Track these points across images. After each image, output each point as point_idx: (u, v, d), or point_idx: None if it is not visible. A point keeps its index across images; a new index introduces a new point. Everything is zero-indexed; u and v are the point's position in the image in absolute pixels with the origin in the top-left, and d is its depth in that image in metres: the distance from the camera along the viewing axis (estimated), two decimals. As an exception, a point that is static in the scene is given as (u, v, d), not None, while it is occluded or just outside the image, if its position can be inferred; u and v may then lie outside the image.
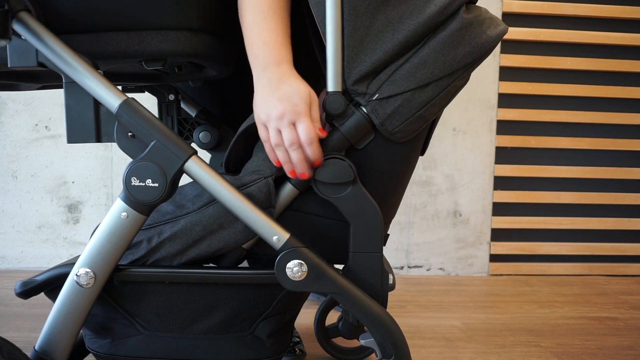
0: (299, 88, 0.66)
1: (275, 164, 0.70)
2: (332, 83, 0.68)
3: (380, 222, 0.69)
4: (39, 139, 1.82)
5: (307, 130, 0.65)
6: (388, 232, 0.83)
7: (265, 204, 0.69)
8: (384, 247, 0.71)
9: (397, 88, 0.67)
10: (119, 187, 1.85)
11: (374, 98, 0.68)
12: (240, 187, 0.69)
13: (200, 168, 0.66)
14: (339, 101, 0.68)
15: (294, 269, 0.67)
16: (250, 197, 0.68)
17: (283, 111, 0.65)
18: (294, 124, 0.66)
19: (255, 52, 0.68)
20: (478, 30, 0.68)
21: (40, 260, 1.86)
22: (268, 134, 0.68)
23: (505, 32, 0.71)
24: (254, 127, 0.73)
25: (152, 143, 0.65)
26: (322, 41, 0.69)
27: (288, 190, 0.72)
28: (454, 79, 0.69)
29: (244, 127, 0.72)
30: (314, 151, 0.66)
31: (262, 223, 0.67)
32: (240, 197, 0.67)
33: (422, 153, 0.80)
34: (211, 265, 0.74)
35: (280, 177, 0.72)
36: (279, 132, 0.66)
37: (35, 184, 1.83)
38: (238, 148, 0.76)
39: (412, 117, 0.68)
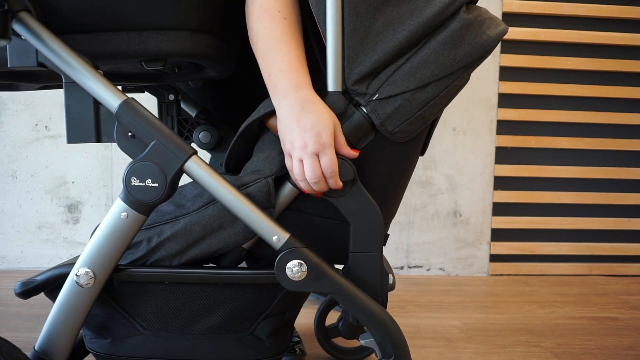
0: (322, 116, 0.65)
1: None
2: (333, 83, 0.68)
3: (380, 222, 0.69)
4: (39, 139, 1.82)
5: (330, 163, 0.65)
6: (388, 232, 0.83)
7: (265, 204, 0.69)
8: (384, 247, 0.71)
9: (397, 88, 0.67)
10: (119, 187, 1.85)
11: (374, 98, 0.68)
12: (240, 187, 0.69)
13: (200, 168, 0.66)
14: (339, 101, 0.68)
15: (294, 269, 0.67)
16: (250, 197, 0.68)
17: (306, 142, 0.65)
18: (317, 155, 0.65)
19: (273, 80, 0.67)
20: (478, 31, 0.68)
21: (40, 260, 1.85)
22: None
23: (505, 32, 0.71)
24: (254, 126, 0.73)
25: (152, 143, 0.65)
26: (321, 41, 0.69)
27: (288, 190, 0.72)
28: (454, 79, 0.69)
29: (244, 127, 0.72)
30: (335, 184, 0.67)
31: (262, 223, 0.67)
32: (240, 197, 0.67)
33: (422, 153, 0.80)
34: (211, 265, 0.74)
35: (280, 177, 0.72)
36: (301, 162, 0.66)
37: (35, 184, 1.83)
38: (238, 148, 0.76)
39: (412, 117, 0.68)
